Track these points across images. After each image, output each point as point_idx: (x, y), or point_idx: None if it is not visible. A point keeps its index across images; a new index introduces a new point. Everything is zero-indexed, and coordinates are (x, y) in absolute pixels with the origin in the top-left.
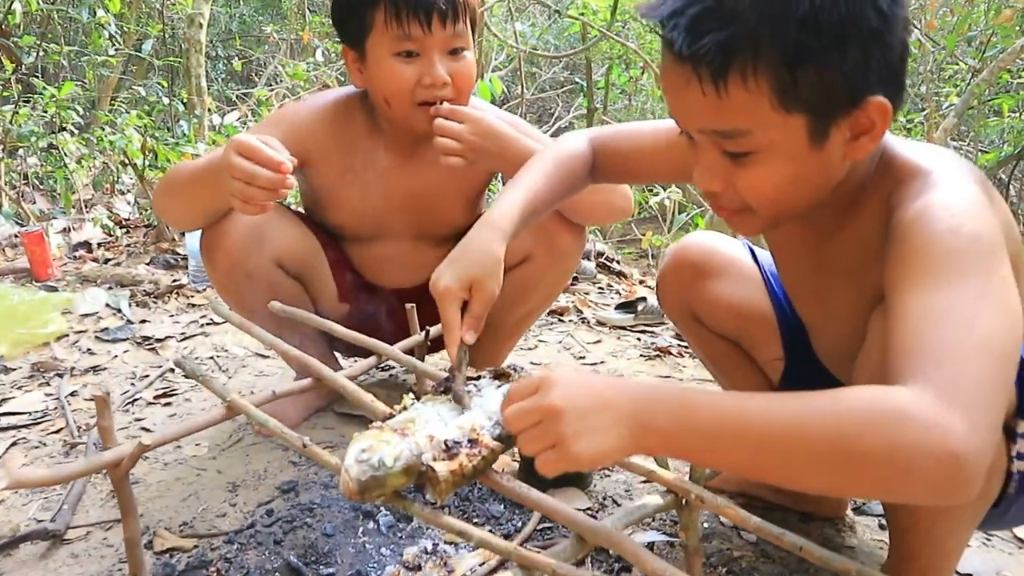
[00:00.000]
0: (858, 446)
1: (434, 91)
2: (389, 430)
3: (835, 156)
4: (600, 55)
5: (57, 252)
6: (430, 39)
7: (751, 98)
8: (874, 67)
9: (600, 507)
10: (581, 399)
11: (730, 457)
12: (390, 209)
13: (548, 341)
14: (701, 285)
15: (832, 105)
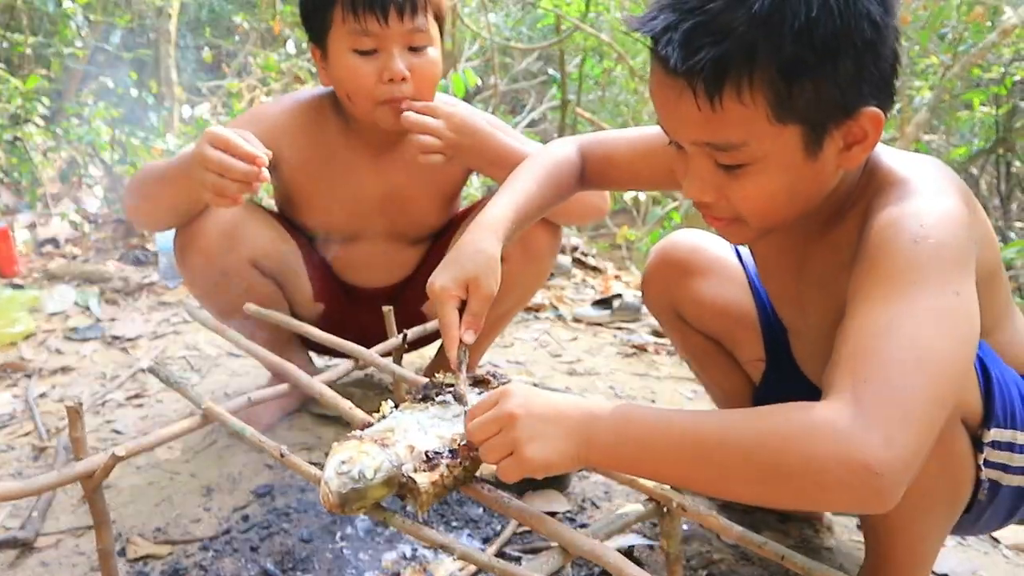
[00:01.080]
0: (778, 458)
1: (393, 87)
2: (369, 440)
3: (828, 166)
4: (574, 47)
5: (23, 248)
6: (388, 33)
7: (746, 111)
8: (867, 78)
9: (579, 509)
10: (537, 408)
11: (663, 469)
12: (364, 209)
13: (524, 339)
14: (686, 283)
15: (826, 116)
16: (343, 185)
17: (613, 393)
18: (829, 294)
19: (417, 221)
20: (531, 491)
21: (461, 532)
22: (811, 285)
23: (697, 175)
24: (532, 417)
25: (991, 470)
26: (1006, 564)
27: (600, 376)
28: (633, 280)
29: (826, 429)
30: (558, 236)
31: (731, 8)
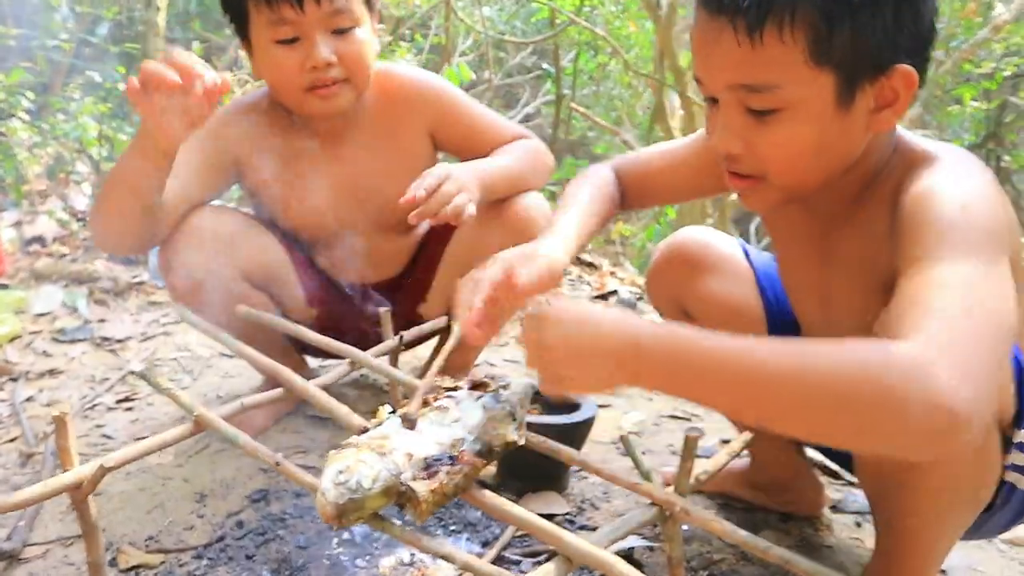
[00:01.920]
0: (853, 390)
1: (319, 74)
2: (366, 448)
3: (858, 124)
4: (568, 41)
5: (9, 247)
6: (305, 20)
7: (785, 50)
8: (905, 33)
9: (579, 511)
10: (575, 325)
11: (723, 394)
12: (337, 203)
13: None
14: (694, 280)
15: (862, 66)
16: (308, 182)
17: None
18: (857, 278)
19: (391, 208)
20: (530, 492)
21: (460, 536)
22: (839, 270)
23: (727, 124)
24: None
25: (1014, 473)
26: (1001, 558)
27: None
28: (628, 276)
29: (907, 364)
30: None
31: None
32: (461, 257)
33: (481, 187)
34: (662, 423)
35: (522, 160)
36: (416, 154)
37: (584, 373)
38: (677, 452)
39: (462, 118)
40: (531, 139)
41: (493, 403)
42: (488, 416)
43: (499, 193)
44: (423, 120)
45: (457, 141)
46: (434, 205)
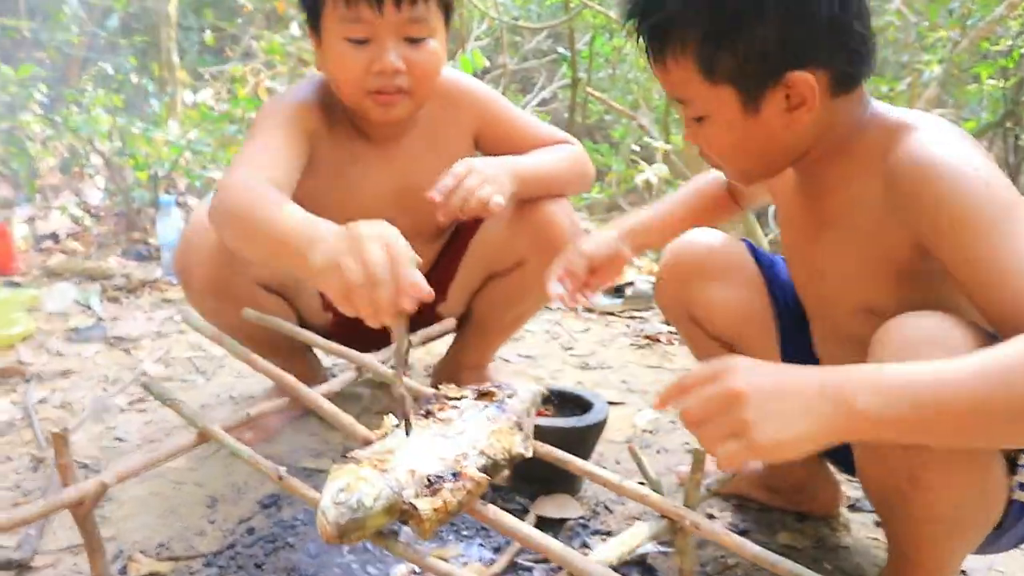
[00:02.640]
0: None
1: (384, 79)
2: (368, 465)
3: (775, 124)
4: (583, 24)
5: (22, 244)
6: (381, 23)
7: (684, 73)
8: (793, 43)
9: (592, 514)
10: (768, 382)
11: (942, 427)
12: (380, 208)
13: (535, 331)
14: (699, 286)
15: (755, 77)
16: (358, 184)
17: (626, 387)
18: (849, 246)
19: (432, 215)
20: (543, 495)
21: (472, 541)
22: (828, 243)
23: (685, 125)
24: (763, 394)
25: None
26: (1023, 557)
27: (613, 370)
28: (645, 266)
29: None
30: (580, 237)
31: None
32: (483, 257)
33: (513, 180)
34: (677, 421)
35: (559, 162)
36: (458, 158)
37: (791, 447)
38: (692, 451)
39: (505, 122)
40: (574, 144)
41: (499, 413)
42: (493, 428)
43: (532, 190)
44: (468, 124)
45: (499, 145)
46: (458, 200)
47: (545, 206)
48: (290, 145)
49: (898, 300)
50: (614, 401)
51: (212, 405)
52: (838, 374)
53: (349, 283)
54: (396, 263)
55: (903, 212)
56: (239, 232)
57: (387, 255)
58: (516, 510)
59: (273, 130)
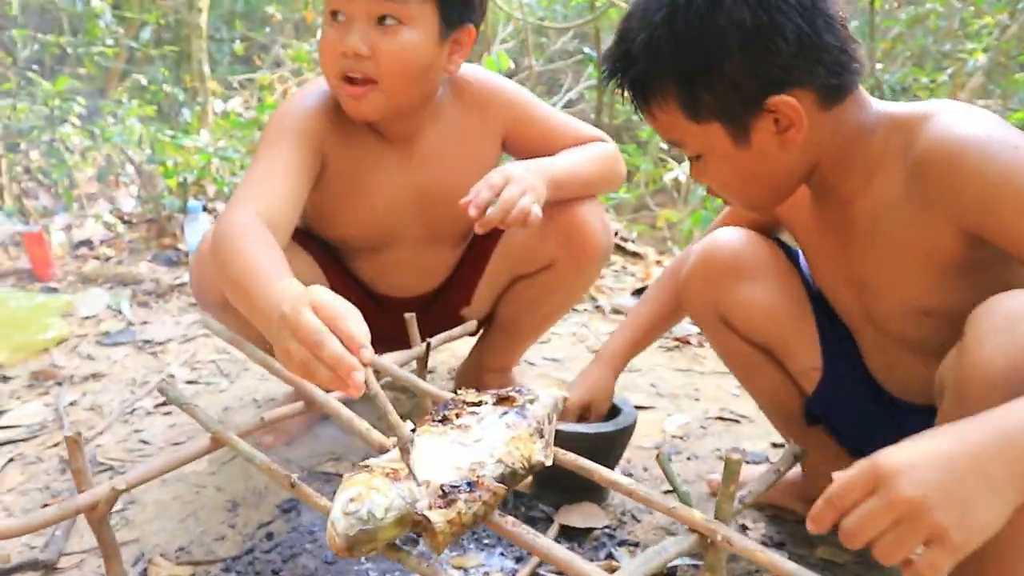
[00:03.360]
0: None
1: (347, 61)
2: (380, 474)
3: (770, 150)
4: (609, 24)
5: (59, 251)
6: (353, 2)
7: (670, 118)
8: (763, 72)
9: (619, 523)
10: (934, 476)
11: None
12: (399, 212)
13: (561, 333)
14: (732, 287)
15: (735, 112)
16: (376, 188)
17: (654, 391)
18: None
19: (455, 218)
20: (567, 504)
21: (493, 550)
22: (862, 251)
23: (692, 166)
24: (942, 492)
25: None
26: None
27: (641, 372)
28: None
29: None
30: (610, 242)
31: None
32: (510, 259)
33: (548, 185)
34: (709, 426)
35: (593, 161)
36: (485, 162)
37: (993, 528)
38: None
39: (537, 122)
40: (607, 142)
41: (519, 419)
42: (512, 435)
43: (566, 193)
44: (496, 126)
45: (531, 146)
46: (499, 212)
47: (576, 207)
48: (295, 166)
49: (954, 296)
50: (642, 405)
51: (235, 408)
52: (987, 425)
53: (300, 362)
54: (334, 321)
55: (938, 202)
56: (224, 286)
57: (321, 316)
58: (539, 518)
59: (277, 150)
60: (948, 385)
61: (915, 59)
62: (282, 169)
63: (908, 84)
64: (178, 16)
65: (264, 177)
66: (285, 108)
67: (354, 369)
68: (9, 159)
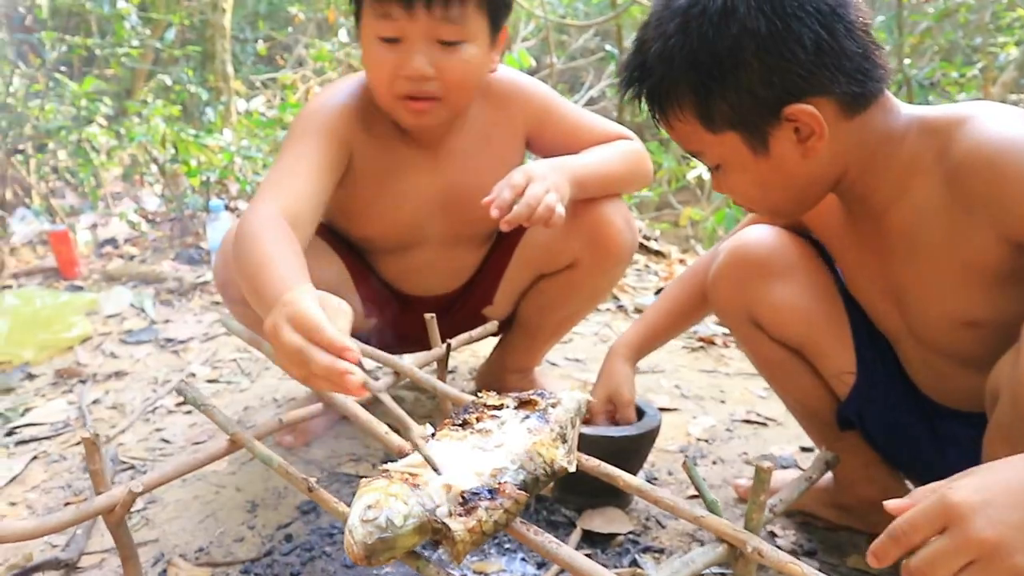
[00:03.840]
0: None
1: (411, 84)
2: (399, 480)
3: (790, 159)
4: (631, 21)
5: (84, 250)
6: (412, 24)
7: (688, 127)
8: (780, 80)
9: (643, 529)
10: (1006, 512)
11: None
12: (424, 214)
13: (584, 333)
14: (764, 286)
15: (752, 121)
16: (403, 189)
17: (679, 393)
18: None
19: (480, 218)
20: (590, 510)
21: (514, 555)
22: (900, 263)
23: (713, 177)
24: (1014, 529)
25: None
26: None
27: (665, 374)
28: None
29: None
30: (635, 241)
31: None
32: (533, 259)
33: (572, 183)
34: (735, 428)
35: (618, 159)
36: (509, 161)
37: None
38: (751, 461)
39: (560, 120)
40: (632, 140)
41: (541, 424)
42: (534, 440)
43: (591, 192)
44: (519, 124)
45: (554, 144)
46: (524, 211)
47: (600, 206)
48: (320, 163)
49: (998, 307)
50: (666, 407)
51: (255, 407)
52: None
53: (300, 377)
54: (312, 332)
55: (979, 209)
56: (240, 280)
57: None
58: (562, 523)
59: (304, 145)
60: (1003, 394)
61: (944, 54)
62: (306, 166)
63: (937, 79)
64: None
65: (288, 174)
66: (312, 106)
67: (346, 373)
68: (38, 159)
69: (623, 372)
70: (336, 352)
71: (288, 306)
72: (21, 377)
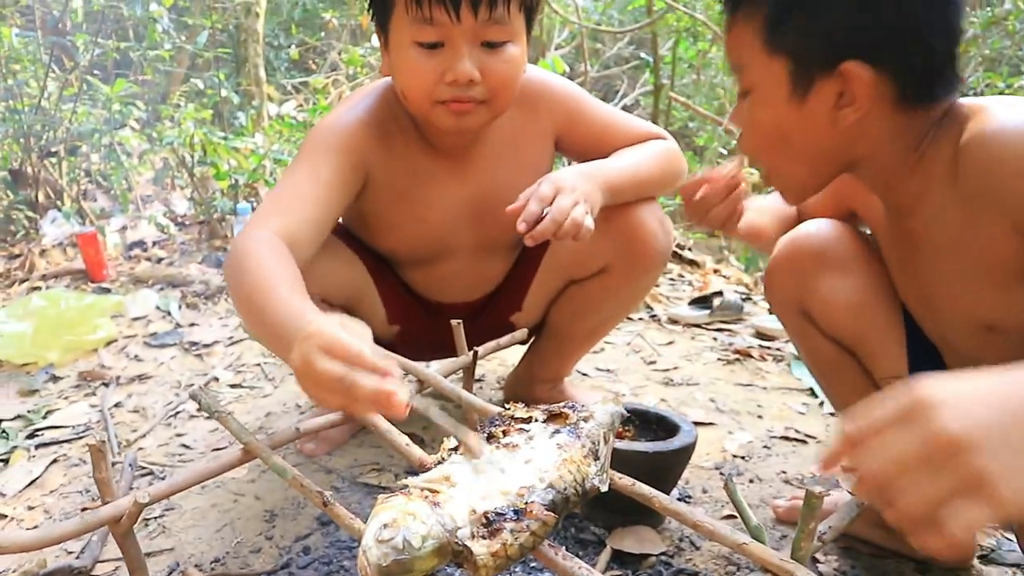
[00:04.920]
0: None
1: (456, 89)
2: (418, 497)
3: (818, 118)
4: (667, 28)
5: (113, 252)
6: (457, 28)
7: (747, 36)
8: (860, 32)
9: (676, 550)
10: (984, 412)
11: None
12: (451, 225)
13: (615, 343)
14: (818, 277)
15: (813, 57)
16: (428, 203)
17: (714, 407)
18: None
19: (509, 226)
20: (620, 528)
21: (541, 574)
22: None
23: (735, 107)
24: (989, 431)
25: None
26: None
27: (699, 387)
28: (734, 274)
29: None
30: (669, 247)
31: None
32: (563, 264)
33: (604, 191)
34: (773, 445)
35: (652, 160)
36: (538, 166)
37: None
38: (791, 480)
39: (590, 120)
40: (665, 139)
41: (572, 439)
42: (564, 457)
43: (625, 197)
44: (547, 126)
45: (585, 145)
46: (550, 226)
47: (633, 208)
48: (332, 180)
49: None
50: (701, 422)
51: (277, 413)
52: None
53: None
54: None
55: (987, 201)
56: (236, 302)
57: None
58: (591, 541)
59: (312, 163)
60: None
61: (989, 63)
62: (312, 186)
63: (981, 89)
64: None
65: (293, 193)
66: (324, 122)
67: (394, 394)
68: (70, 161)
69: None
70: (380, 374)
71: (317, 337)
72: (45, 379)
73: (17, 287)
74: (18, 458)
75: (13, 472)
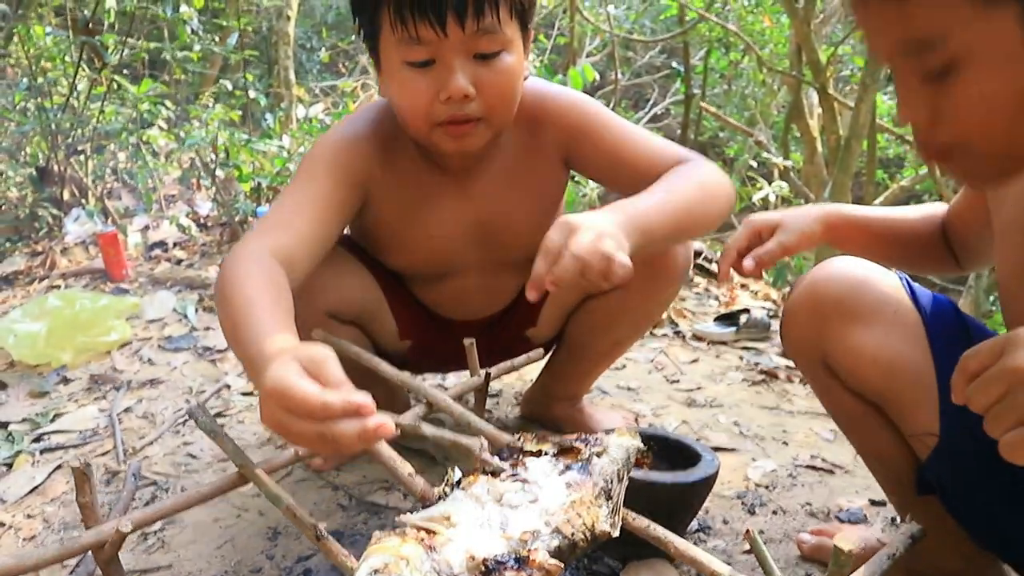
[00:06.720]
0: None
1: (453, 107)
2: (412, 539)
3: None
4: (698, 38)
5: (134, 252)
6: (445, 43)
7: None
8: None
9: None
10: None
11: None
12: (457, 245)
13: (637, 360)
14: (841, 328)
15: None
16: (432, 221)
17: (737, 431)
18: None
19: (519, 244)
20: (635, 560)
21: None
22: None
23: (904, 90)
24: None
25: None
26: None
27: (723, 409)
28: (762, 290)
29: None
30: (689, 259)
31: None
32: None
33: (631, 232)
34: (799, 475)
35: (689, 192)
36: (548, 183)
37: None
38: (816, 513)
39: (603, 137)
40: (698, 163)
41: (582, 477)
42: (573, 498)
43: (660, 242)
44: (554, 143)
45: (598, 166)
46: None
47: None
48: (330, 199)
49: None
50: (723, 447)
51: None
52: None
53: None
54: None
55: None
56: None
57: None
58: (603, 574)
59: (309, 183)
60: None
61: None
62: (310, 201)
63: None
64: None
65: (289, 211)
66: (323, 140)
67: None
68: (97, 159)
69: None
70: (355, 413)
71: (277, 396)
72: (56, 381)
73: (37, 285)
74: (22, 463)
75: (16, 477)
